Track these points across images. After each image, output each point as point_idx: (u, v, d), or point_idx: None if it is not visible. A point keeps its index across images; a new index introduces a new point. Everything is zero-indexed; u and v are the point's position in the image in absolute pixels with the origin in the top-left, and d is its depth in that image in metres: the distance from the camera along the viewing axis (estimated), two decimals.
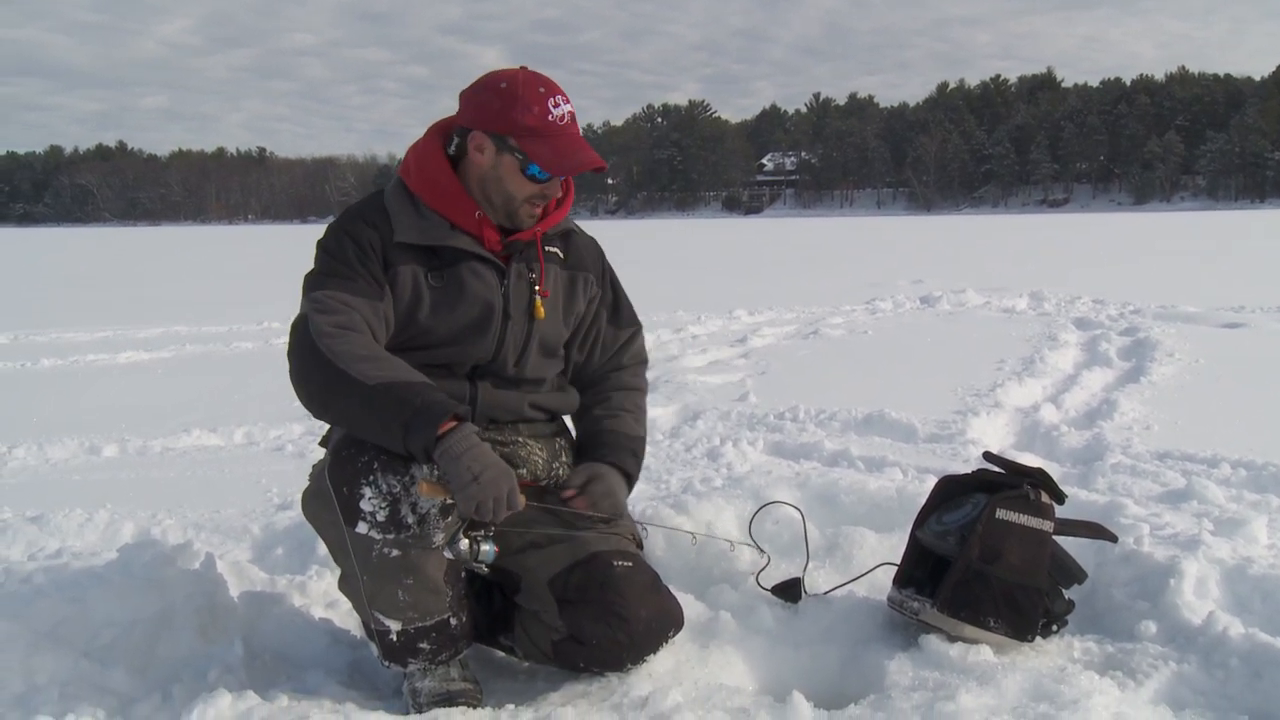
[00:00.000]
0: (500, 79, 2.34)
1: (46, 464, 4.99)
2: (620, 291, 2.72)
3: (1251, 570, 2.78)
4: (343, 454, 2.20)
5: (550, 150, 2.30)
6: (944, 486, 2.73)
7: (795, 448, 4.81)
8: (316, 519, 2.30)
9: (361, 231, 2.34)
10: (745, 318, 10.96)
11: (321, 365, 2.18)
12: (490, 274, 2.41)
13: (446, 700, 2.34)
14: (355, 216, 2.39)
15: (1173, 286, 12.59)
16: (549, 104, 2.30)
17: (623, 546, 2.42)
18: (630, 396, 2.70)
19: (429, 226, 2.36)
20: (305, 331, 2.23)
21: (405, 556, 2.21)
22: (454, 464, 2.09)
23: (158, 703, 2.29)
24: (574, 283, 2.57)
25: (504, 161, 2.32)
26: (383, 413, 2.12)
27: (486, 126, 2.32)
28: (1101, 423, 5.14)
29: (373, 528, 2.18)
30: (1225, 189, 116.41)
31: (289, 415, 5.91)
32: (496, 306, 2.41)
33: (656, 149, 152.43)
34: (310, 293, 2.29)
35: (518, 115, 2.28)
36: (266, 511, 4.01)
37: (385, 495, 2.16)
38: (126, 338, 10.28)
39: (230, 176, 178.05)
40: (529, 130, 2.29)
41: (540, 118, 2.29)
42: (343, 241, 2.33)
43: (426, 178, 2.38)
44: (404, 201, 2.39)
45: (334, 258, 2.32)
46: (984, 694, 2.20)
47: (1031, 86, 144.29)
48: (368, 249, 2.32)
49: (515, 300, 2.43)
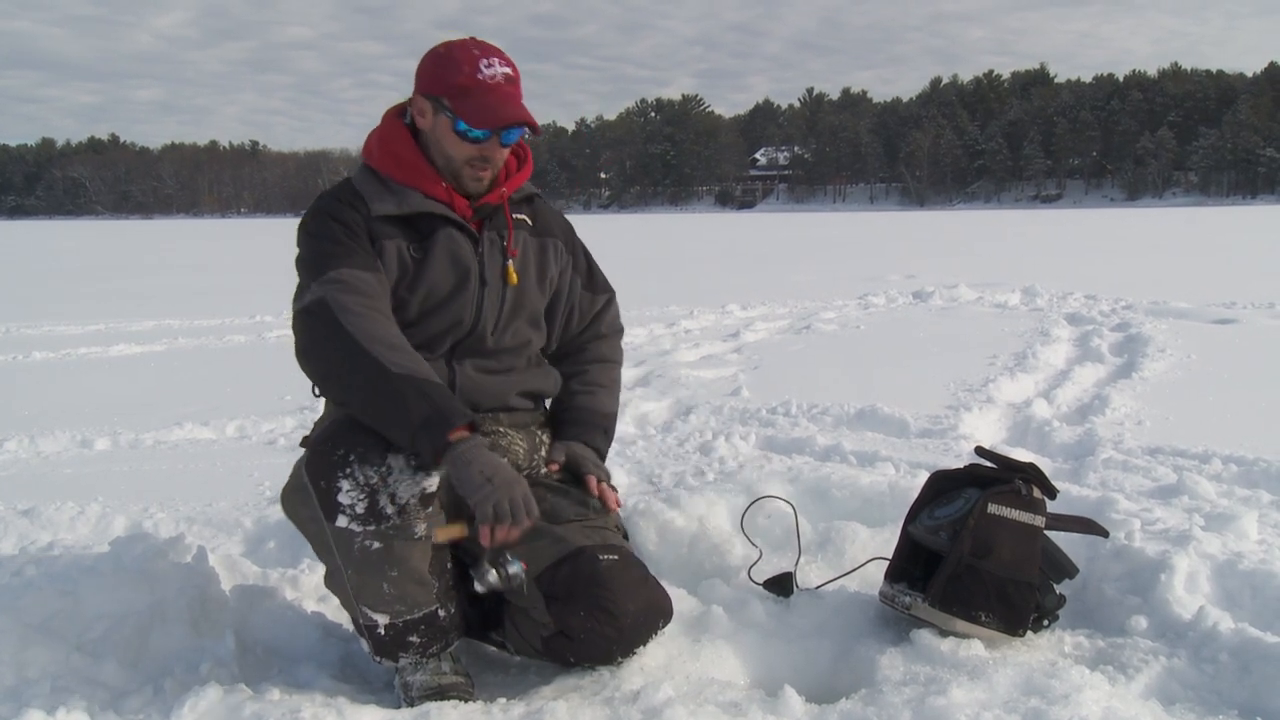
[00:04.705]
0: (441, 45, 2.38)
1: (38, 457, 4.98)
2: (590, 257, 2.75)
3: (1242, 565, 2.79)
4: (319, 449, 2.20)
5: (477, 107, 2.30)
6: (936, 481, 2.73)
7: (787, 442, 4.81)
8: (297, 516, 2.29)
9: (342, 211, 2.36)
10: (738, 312, 10.95)
11: (345, 342, 2.18)
12: (465, 240, 2.43)
13: (438, 694, 2.34)
14: (331, 199, 2.40)
15: (1165, 282, 12.61)
16: (480, 63, 2.31)
17: (608, 540, 2.42)
18: (606, 370, 2.73)
19: (403, 198, 2.38)
20: (326, 308, 2.22)
21: (388, 548, 2.21)
22: (465, 469, 2.09)
23: (149, 696, 2.29)
24: (544, 249, 2.59)
25: (440, 122, 2.35)
26: (399, 402, 2.12)
27: (424, 89, 2.36)
28: (1093, 418, 5.15)
29: (352, 520, 2.17)
30: (1217, 185, 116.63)
31: (281, 409, 5.91)
32: (473, 271, 2.43)
33: (650, 143, 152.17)
34: (324, 273, 2.27)
35: (449, 75, 2.32)
36: (258, 505, 4.00)
37: (363, 487, 2.15)
38: (118, 331, 10.25)
39: (223, 169, 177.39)
40: (459, 89, 2.31)
41: (470, 76, 2.30)
42: (328, 224, 2.34)
43: (389, 153, 2.41)
44: (373, 182, 2.41)
45: (327, 239, 2.33)
46: (975, 688, 2.21)
47: (1025, 82, 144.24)
48: (354, 226, 2.34)
49: (490, 266, 2.45)
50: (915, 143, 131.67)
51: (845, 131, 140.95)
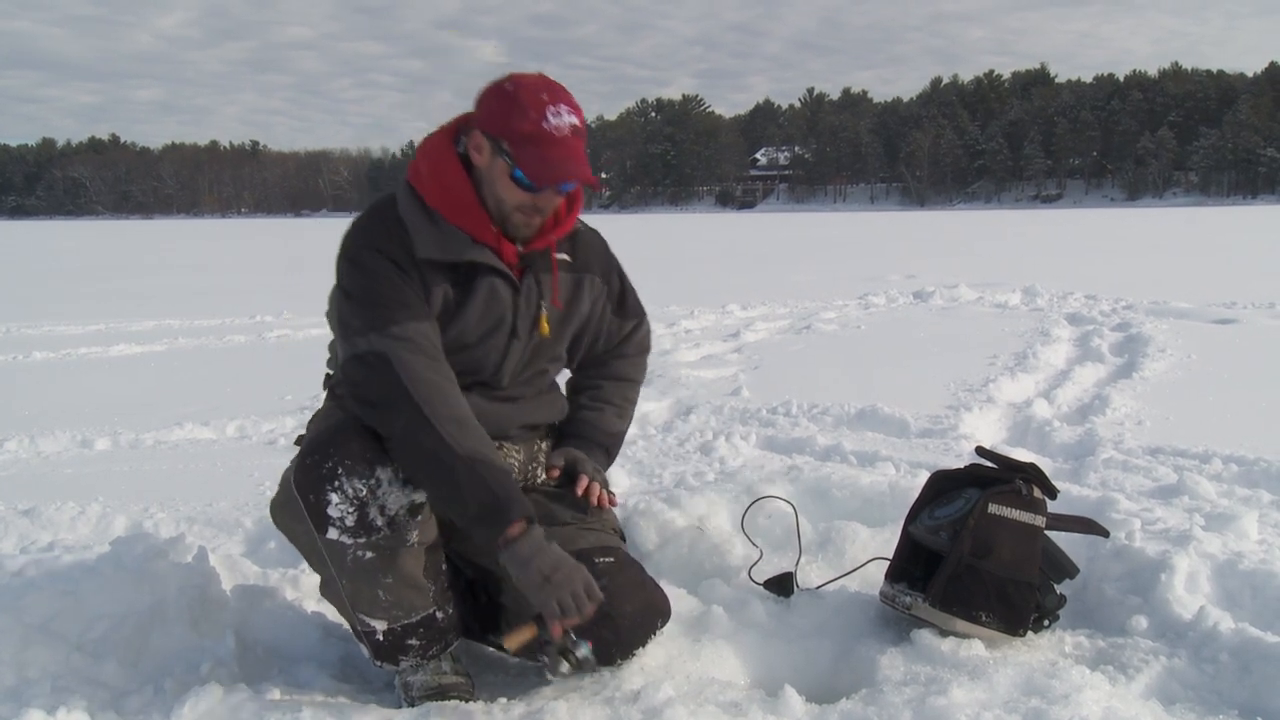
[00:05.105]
0: (509, 81, 2.24)
1: (39, 457, 4.98)
2: (626, 283, 2.67)
3: (1242, 565, 2.79)
4: (307, 461, 2.18)
5: (537, 159, 2.19)
6: (936, 481, 2.73)
7: (788, 442, 4.81)
8: (288, 530, 2.29)
9: (391, 248, 2.25)
10: (738, 312, 10.96)
11: (411, 413, 2.13)
12: (506, 289, 2.34)
13: (439, 694, 2.34)
14: (378, 230, 2.28)
15: (1165, 282, 12.61)
16: (547, 111, 2.19)
17: (605, 541, 2.42)
18: (620, 388, 2.69)
19: (449, 241, 2.27)
20: (389, 367, 2.15)
21: (380, 557, 2.21)
22: (524, 568, 2.09)
23: (149, 696, 2.29)
24: (579, 286, 2.51)
25: (497, 165, 2.23)
26: (459, 488, 2.11)
27: (485, 127, 2.24)
28: (1094, 418, 5.15)
29: (343, 533, 2.16)
30: (1217, 185, 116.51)
31: (281, 409, 5.91)
32: (506, 322, 2.36)
33: (650, 143, 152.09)
34: (385, 327, 2.18)
35: (514, 119, 2.19)
36: (259, 505, 3.99)
37: (352, 500, 2.15)
38: (119, 331, 10.25)
39: (223, 169, 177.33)
40: (522, 136, 2.19)
41: (535, 123, 2.18)
42: (378, 260, 2.24)
43: (441, 186, 2.28)
44: (420, 215, 2.28)
45: (380, 279, 2.23)
46: (975, 688, 2.21)
47: (1025, 82, 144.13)
48: (405, 266, 2.24)
49: (523, 317, 2.38)
50: (915, 143, 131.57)
51: (845, 131, 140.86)
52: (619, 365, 2.70)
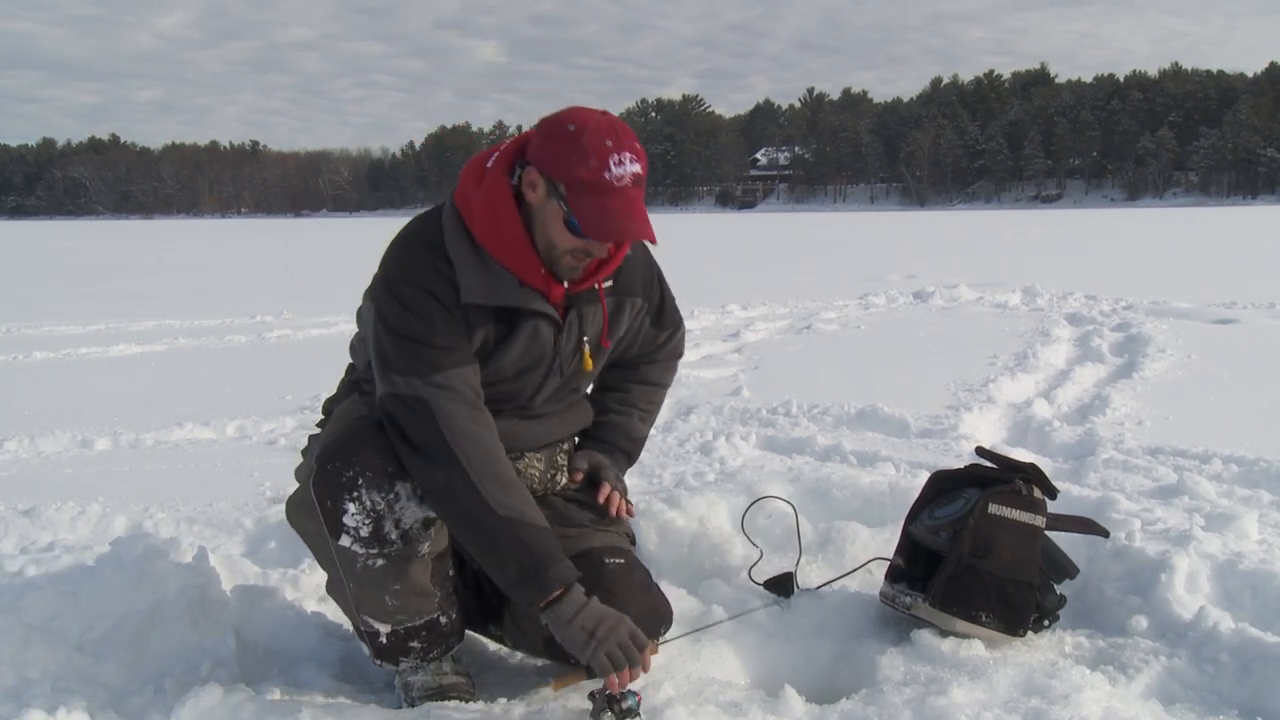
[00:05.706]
0: (572, 119, 2.13)
1: (39, 457, 4.98)
2: (666, 292, 2.60)
3: (1242, 565, 2.79)
4: (328, 467, 2.16)
5: (596, 211, 2.09)
6: (936, 481, 2.73)
7: (788, 442, 4.81)
8: (302, 529, 2.28)
9: (437, 285, 2.17)
10: (738, 312, 10.97)
11: (452, 470, 2.10)
12: (548, 329, 2.29)
13: (439, 694, 2.34)
14: (424, 265, 2.19)
15: (1165, 282, 12.61)
16: (610, 160, 2.09)
17: (615, 543, 2.43)
18: (647, 393, 2.67)
19: (497, 285, 2.19)
20: (431, 416, 2.11)
21: (390, 565, 2.21)
22: (567, 629, 2.08)
23: (150, 696, 2.29)
24: (620, 309, 2.43)
25: (550, 207, 2.13)
26: (499, 550, 2.11)
27: (542, 166, 2.13)
28: (1093, 418, 5.15)
29: (356, 542, 2.16)
30: (1217, 185, 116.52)
31: (281, 409, 5.91)
32: (546, 359, 2.33)
33: (650, 143, 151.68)
34: (429, 374, 2.13)
35: (574, 164, 2.08)
36: (259, 505, 4.00)
37: (369, 512, 2.14)
38: (119, 331, 10.25)
39: (223, 169, 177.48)
40: (581, 183, 2.09)
41: (596, 172, 2.08)
42: (423, 298, 2.16)
43: (492, 222, 2.17)
44: (468, 253, 2.18)
45: (423, 319, 2.15)
46: (975, 688, 2.21)
47: (1025, 82, 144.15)
48: (450, 306, 2.17)
49: (565, 354, 2.35)
50: (915, 143, 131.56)
51: (845, 131, 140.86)
52: (648, 370, 2.67)
